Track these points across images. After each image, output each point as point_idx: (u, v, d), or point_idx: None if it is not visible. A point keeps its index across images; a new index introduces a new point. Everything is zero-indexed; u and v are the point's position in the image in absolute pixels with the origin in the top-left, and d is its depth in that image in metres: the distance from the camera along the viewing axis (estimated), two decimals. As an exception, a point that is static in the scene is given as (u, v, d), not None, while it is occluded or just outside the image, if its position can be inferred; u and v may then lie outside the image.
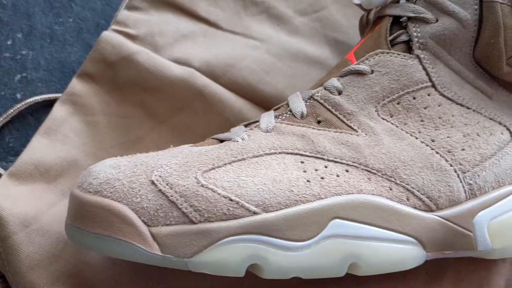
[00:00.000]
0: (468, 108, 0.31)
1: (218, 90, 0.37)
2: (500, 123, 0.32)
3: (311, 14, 0.42)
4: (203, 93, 0.36)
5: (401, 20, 0.33)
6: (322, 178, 0.27)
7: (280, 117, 0.31)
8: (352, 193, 0.27)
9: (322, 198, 0.26)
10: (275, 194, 0.26)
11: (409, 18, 0.32)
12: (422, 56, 0.31)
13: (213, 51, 0.38)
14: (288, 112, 0.31)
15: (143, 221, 0.26)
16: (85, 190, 0.27)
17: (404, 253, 0.27)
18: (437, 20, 0.32)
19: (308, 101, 0.31)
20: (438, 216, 0.28)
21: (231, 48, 0.39)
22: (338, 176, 0.27)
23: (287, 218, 0.25)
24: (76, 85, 0.35)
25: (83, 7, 0.38)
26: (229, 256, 0.25)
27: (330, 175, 0.27)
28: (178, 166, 0.27)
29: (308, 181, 0.27)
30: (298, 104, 0.31)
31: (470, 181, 0.30)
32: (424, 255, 0.29)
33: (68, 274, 0.31)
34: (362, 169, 0.28)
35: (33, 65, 0.36)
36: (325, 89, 0.31)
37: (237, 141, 0.29)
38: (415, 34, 0.32)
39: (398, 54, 0.31)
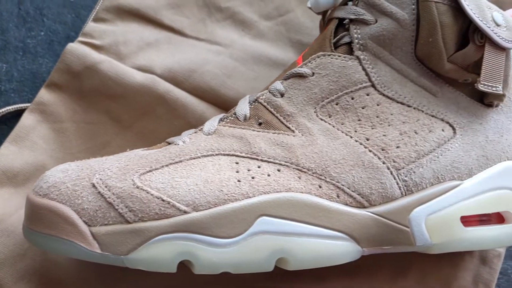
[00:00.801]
0: (408, 106, 0.32)
1: (180, 95, 0.39)
2: (442, 120, 0.32)
3: (276, 18, 0.43)
4: (165, 98, 0.38)
5: (344, 22, 0.34)
6: (253, 177, 0.28)
7: (225, 120, 0.32)
8: (280, 192, 0.28)
9: (250, 197, 0.27)
10: (205, 194, 0.27)
11: (351, 20, 0.33)
12: (362, 57, 0.32)
13: (176, 57, 0.40)
14: (233, 115, 0.32)
15: (84, 221, 0.28)
16: (36, 193, 0.29)
17: (335, 248, 0.28)
18: (376, 21, 0.32)
19: (253, 103, 0.33)
20: (371, 213, 0.29)
21: (194, 54, 0.40)
22: (269, 175, 0.28)
23: (215, 216, 0.27)
24: (44, 94, 0.37)
25: (54, 20, 0.40)
26: (160, 253, 0.27)
27: (261, 174, 0.28)
28: (118, 169, 0.29)
29: (238, 180, 0.28)
30: (243, 107, 0.32)
31: (405, 178, 0.30)
32: (359, 250, 0.30)
33: (33, 272, 0.34)
34: (294, 168, 0.29)
35: (7, 77, 0.38)
36: (269, 92, 0.33)
37: (178, 144, 0.30)
38: (355, 35, 0.33)
39: (339, 56, 0.32)
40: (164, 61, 0.39)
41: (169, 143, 0.32)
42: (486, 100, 0.34)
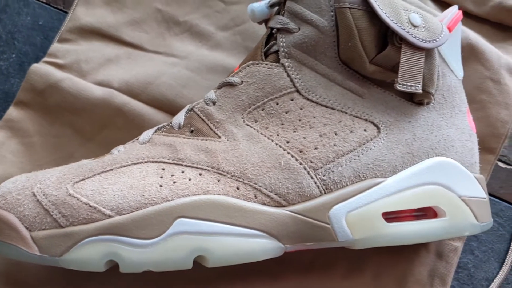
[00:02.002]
0: (332, 108, 0.33)
1: (137, 106, 0.41)
2: (366, 120, 0.34)
3: (233, 28, 0.45)
4: (122, 110, 0.41)
5: (273, 32, 0.35)
6: (174, 182, 0.30)
7: (162, 129, 0.35)
8: (198, 194, 0.30)
9: (169, 200, 0.30)
10: (128, 199, 0.30)
11: (278, 30, 0.35)
12: (287, 64, 0.34)
13: (134, 71, 0.43)
14: (169, 124, 0.35)
15: (25, 226, 0.31)
16: (-11, 202, 0.32)
17: (253, 245, 0.30)
18: (299, 29, 0.34)
19: (189, 112, 0.35)
20: (289, 211, 0.31)
21: (151, 67, 0.43)
22: (190, 179, 0.31)
23: (136, 219, 0.29)
24: (12, 112, 0.41)
25: (25, 43, 0.44)
26: (89, 254, 0.29)
27: (183, 179, 0.31)
28: (57, 178, 0.32)
29: (160, 185, 0.30)
30: (179, 117, 0.35)
31: (323, 177, 0.32)
32: (280, 247, 0.31)
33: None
34: (214, 172, 0.31)
35: (-19, 97, 0.42)
36: (203, 101, 0.35)
37: (112, 154, 0.33)
38: (281, 44, 0.34)
39: (266, 64, 0.34)
40: (122, 76, 0.42)
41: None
42: (416, 99, 0.35)
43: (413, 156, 0.34)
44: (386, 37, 0.33)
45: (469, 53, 0.44)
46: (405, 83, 0.32)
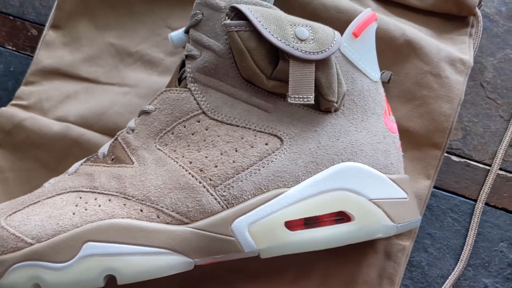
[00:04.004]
0: (236, 126, 0.35)
1: (92, 136, 0.45)
2: (270, 134, 0.35)
3: (180, 53, 0.48)
4: (78, 141, 0.45)
5: (184, 59, 0.38)
6: (86, 209, 0.34)
7: (91, 158, 0.38)
8: (104, 219, 0.33)
9: (78, 227, 0.33)
10: (45, 228, 0.33)
11: (186, 56, 0.37)
12: (193, 88, 0.36)
13: (90, 104, 0.46)
14: (96, 155, 0.38)
15: None
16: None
17: (158, 262, 0.33)
18: (201, 55, 0.36)
19: (114, 142, 0.38)
20: (191, 228, 0.33)
21: (105, 98, 0.47)
22: (99, 206, 0.34)
23: (51, 245, 0.33)
24: (-14, 151, 0.46)
25: (-1, 89, 0.49)
26: (17, 278, 0.33)
27: (94, 206, 0.34)
28: (-4, 212, 0.36)
29: (74, 213, 0.34)
30: (105, 146, 0.38)
31: (223, 193, 0.34)
32: (189, 261, 0.33)
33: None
34: (122, 197, 0.34)
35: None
36: (126, 129, 0.38)
37: (44, 187, 0.37)
38: (188, 70, 0.37)
39: (176, 90, 0.37)
40: (78, 109, 0.46)
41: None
42: (322, 107, 0.36)
43: (317, 164, 0.35)
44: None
45: (408, 49, 0.44)
46: (296, 96, 0.33)
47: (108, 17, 0.48)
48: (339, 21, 0.44)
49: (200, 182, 0.34)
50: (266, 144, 0.35)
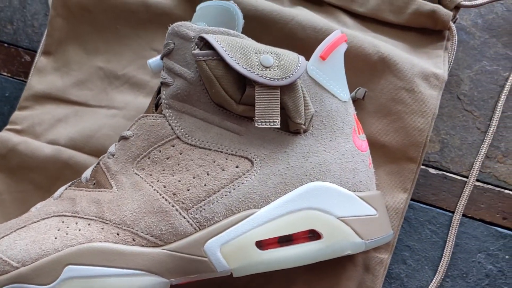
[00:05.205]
0: (209, 149, 0.37)
1: (82, 158, 0.47)
2: (241, 156, 0.37)
3: (165, 74, 0.50)
4: (69, 163, 0.47)
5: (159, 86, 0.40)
6: (67, 234, 0.36)
7: (75, 183, 0.40)
8: (83, 243, 0.35)
9: (59, 251, 0.35)
10: (30, 252, 0.35)
11: (161, 83, 0.39)
12: (167, 114, 0.38)
13: (79, 127, 0.49)
14: (80, 178, 0.40)
15: None
16: None
17: (135, 283, 0.34)
18: (174, 82, 0.38)
19: (96, 166, 0.40)
20: (165, 250, 0.35)
21: (94, 121, 0.49)
22: (79, 230, 0.36)
23: (35, 269, 0.35)
24: (-16, 175, 0.49)
25: (-5, 114, 0.52)
26: (4, 300, 0.35)
27: (74, 230, 0.36)
28: (-14, 236, 0.38)
29: (55, 238, 0.36)
30: (88, 171, 0.40)
31: (196, 216, 0.35)
32: (164, 281, 0.35)
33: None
34: (100, 221, 0.36)
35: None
36: (107, 154, 0.40)
37: (31, 211, 0.39)
38: (163, 96, 0.38)
39: (152, 116, 0.38)
40: (69, 132, 0.48)
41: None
42: (291, 129, 0.37)
43: (286, 185, 0.36)
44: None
45: (382, 65, 0.45)
46: (262, 120, 0.35)
47: (96, 42, 0.50)
48: (315, 40, 0.45)
49: (173, 206, 0.35)
50: (237, 166, 0.36)
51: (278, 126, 0.35)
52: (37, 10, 0.53)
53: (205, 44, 0.36)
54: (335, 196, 0.36)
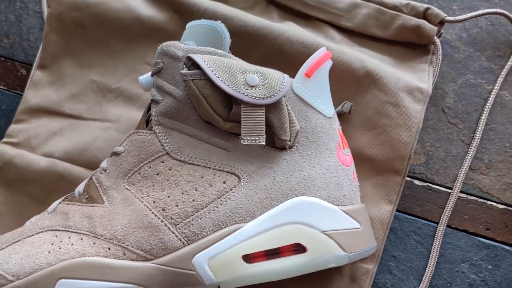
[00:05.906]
0: (197, 165, 0.38)
1: (76, 171, 0.48)
2: (228, 172, 0.38)
3: (158, 87, 0.51)
4: (64, 176, 0.48)
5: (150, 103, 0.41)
6: (60, 248, 0.37)
7: (68, 197, 0.41)
8: (75, 258, 0.36)
9: (52, 265, 0.36)
10: (24, 266, 0.37)
11: (152, 101, 0.40)
12: (157, 130, 0.39)
13: (74, 140, 0.50)
14: (73, 193, 0.41)
15: None
16: None
17: (125, 297, 0.36)
18: (163, 100, 0.39)
19: (89, 181, 0.41)
20: (155, 264, 0.36)
21: (88, 134, 0.50)
22: (72, 244, 0.37)
23: (29, 282, 0.36)
24: (-20, 188, 0.50)
25: (-9, 127, 0.53)
26: (0, 312, 0.37)
27: (67, 244, 0.37)
28: (-18, 251, 0.39)
29: (49, 252, 0.37)
30: (81, 185, 0.41)
31: (184, 231, 0.37)
32: (154, 294, 0.36)
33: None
34: (92, 236, 0.37)
35: (-37, 177, 0.51)
36: (99, 169, 0.41)
37: (26, 225, 0.40)
38: (153, 113, 0.40)
39: (143, 133, 0.40)
40: (63, 145, 0.49)
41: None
42: (277, 145, 0.38)
43: (272, 200, 0.37)
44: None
45: (368, 80, 0.46)
46: (248, 138, 0.36)
47: (90, 56, 0.52)
48: (304, 55, 0.47)
49: (162, 221, 0.37)
50: (224, 182, 0.37)
51: (264, 143, 0.36)
52: (33, 24, 0.54)
53: (193, 63, 0.37)
54: (319, 211, 0.37)
